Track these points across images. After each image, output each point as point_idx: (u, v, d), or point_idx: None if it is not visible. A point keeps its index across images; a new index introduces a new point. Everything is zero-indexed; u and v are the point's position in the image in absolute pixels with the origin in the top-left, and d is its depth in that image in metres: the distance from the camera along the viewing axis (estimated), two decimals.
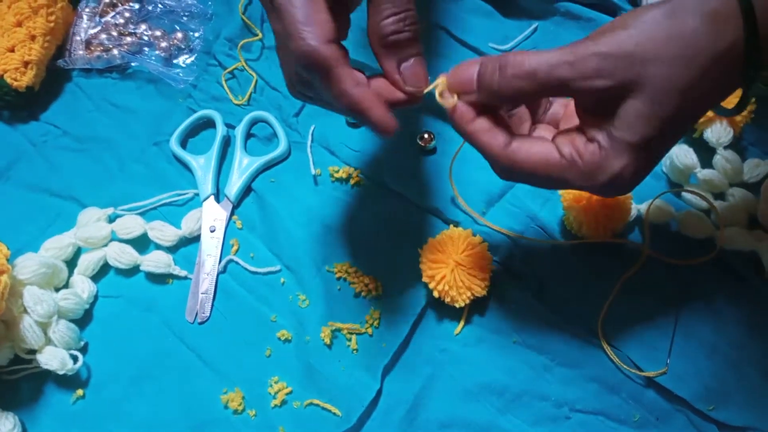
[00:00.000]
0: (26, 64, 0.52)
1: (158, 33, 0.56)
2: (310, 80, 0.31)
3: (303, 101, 0.34)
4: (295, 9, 0.30)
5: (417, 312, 0.44)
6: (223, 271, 0.47)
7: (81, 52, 0.55)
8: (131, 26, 0.56)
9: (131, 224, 0.47)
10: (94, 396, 0.43)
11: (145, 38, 0.56)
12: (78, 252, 0.47)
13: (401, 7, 0.31)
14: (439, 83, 0.33)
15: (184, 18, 0.57)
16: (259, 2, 0.56)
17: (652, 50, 0.28)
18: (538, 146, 0.32)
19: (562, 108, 0.36)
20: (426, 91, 0.33)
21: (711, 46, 0.28)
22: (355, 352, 0.44)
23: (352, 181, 0.49)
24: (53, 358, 0.41)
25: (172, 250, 0.48)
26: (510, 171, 0.32)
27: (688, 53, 0.28)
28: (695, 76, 0.28)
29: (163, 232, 0.47)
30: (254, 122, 0.53)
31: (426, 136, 0.50)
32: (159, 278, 0.47)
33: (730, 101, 0.32)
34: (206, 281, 0.46)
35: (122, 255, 0.46)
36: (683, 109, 0.29)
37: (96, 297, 0.46)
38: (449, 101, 0.32)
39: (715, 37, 0.28)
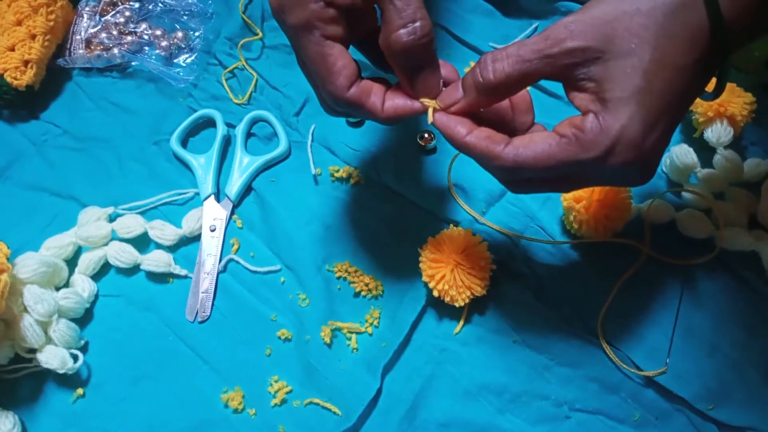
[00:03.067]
0: (26, 63, 0.52)
1: (158, 32, 0.56)
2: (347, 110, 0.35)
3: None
4: (319, 65, 0.33)
5: (417, 311, 0.44)
6: (223, 271, 0.47)
7: (81, 51, 0.55)
8: (131, 25, 0.56)
9: (131, 223, 0.47)
10: (95, 395, 0.43)
11: (146, 37, 0.56)
12: (78, 251, 0.47)
13: (410, 17, 0.31)
14: (428, 107, 0.34)
15: (185, 17, 0.57)
16: (259, 3, 0.56)
17: (614, 11, 0.30)
18: (536, 137, 0.32)
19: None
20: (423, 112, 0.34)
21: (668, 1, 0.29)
22: (355, 351, 0.44)
23: (352, 181, 0.50)
24: (53, 357, 0.41)
25: (172, 249, 0.48)
26: (517, 173, 0.32)
27: (647, 6, 0.29)
28: (659, 26, 0.29)
29: (163, 231, 0.47)
30: (254, 121, 0.53)
31: (426, 135, 0.50)
32: (159, 277, 0.47)
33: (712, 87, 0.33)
34: (206, 280, 0.46)
35: (123, 254, 0.46)
36: (659, 59, 0.29)
37: (96, 296, 0.46)
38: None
39: None
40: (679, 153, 0.47)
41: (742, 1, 0.29)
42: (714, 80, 0.33)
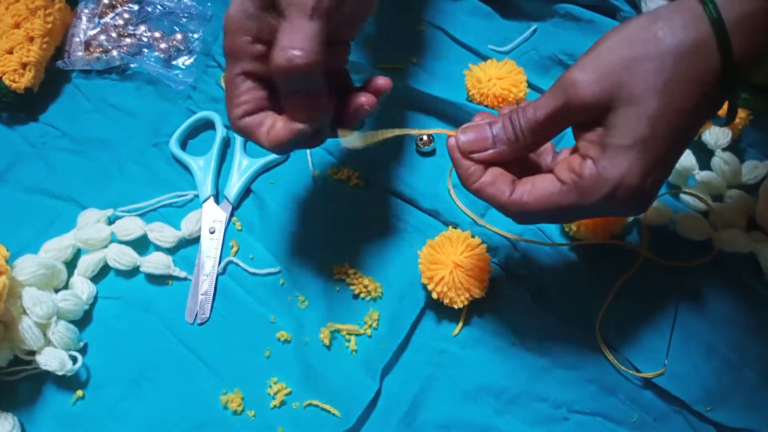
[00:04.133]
0: (24, 65, 0.52)
1: (157, 34, 0.56)
2: None
3: None
4: (226, 91, 0.35)
5: (416, 313, 0.44)
6: (222, 273, 0.47)
7: (80, 54, 0.55)
8: (130, 27, 0.56)
9: (131, 226, 0.47)
10: (94, 397, 0.43)
11: (145, 39, 0.56)
12: (78, 253, 0.47)
13: (295, 45, 0.31)
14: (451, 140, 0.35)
15: (184, 19, 0.57)
16: None
17: (624, 58, 0.30)
18: (538, 183, 0.33)
19: (569, 151, 0.37)
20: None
21: (677, 42, 0.29)
22: (354, 353, 0.44)
23: (351, 183, 0.50)
24: (52, 359, 0.41)
25: (171, 251, 0.48)
26: (522, 216, 0.34)
27: (656, 53, 0.29)
28: (668, 72, 0.29)
29: (162, 233, 0.47)
30: None
31: (425, 138, 0.50)
32: (159, 279, 0.47)
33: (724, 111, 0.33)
34: (206, 282, 0.46)
35: (122, 256, 0.46)
36: (666, 106, 0.29)
37: (96, 298, 0.46)
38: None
39: (681, 35, 0.29)
40: None
41: (754, 39, 0.29)
42: (726, 105, 0.33)
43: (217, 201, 0.50)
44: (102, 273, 0.47)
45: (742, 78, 0.30)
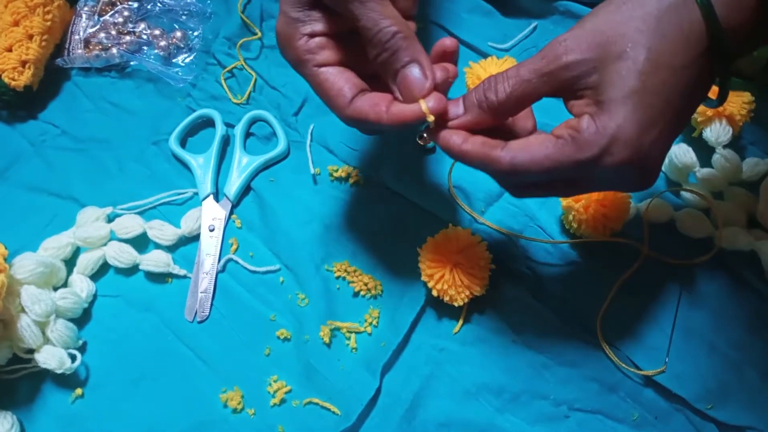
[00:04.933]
0: (24, 63, 0.52)
1: (157, 32, 0.56)
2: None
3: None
4: (319, 92, 0.36)
5: (416, 311, 0.44)
6: (222, 271, 0.47)
7: (80, 51, 0.55)
8: (130, 25, 0.56)
9: (130, 224, 0.47)
10: (93, 395, 0.43)
11: (144, 37, 0.56)
12: (77, 251, 0.47)
13: (373, 31, 0.33)
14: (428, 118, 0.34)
15: (183, 17, 0.57)
16: (258, 3, 0.56)
17: (606, 22, 0.30)
18: (532, 140, 0.32)
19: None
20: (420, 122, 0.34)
21: (658, 4, 0.30)
22: (354, 351, 0.44)
23: (351, 180, 0.49)
24: (51, 358, 0.41)
25: (171, 249, 0.48)
26: (515, 178, 0.33)
27: (638, 12, 0.30)
28: (651, 29, 0.30)
29: (162, 231, 0.47)
30: (253, 121, 0.53)
31: (425, 135, 0.50)
32: (158, 277, 0.47)
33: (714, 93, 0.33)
34: (205, 280, 0.46)
35: (121, 254, 0.46)
36: (653, 60, 0.30)
37: (95, 296, 0.46)
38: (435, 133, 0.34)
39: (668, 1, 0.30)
40: (678, 152, 0.47)
41: (738, 4, 0.29)
42: (716, 87, 0.33)
43: (216, 199, 0.49)
44: (101, 271, 0.47)
45: (735, 51, 0.30)
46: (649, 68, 0.30)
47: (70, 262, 0.46)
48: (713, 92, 0.33)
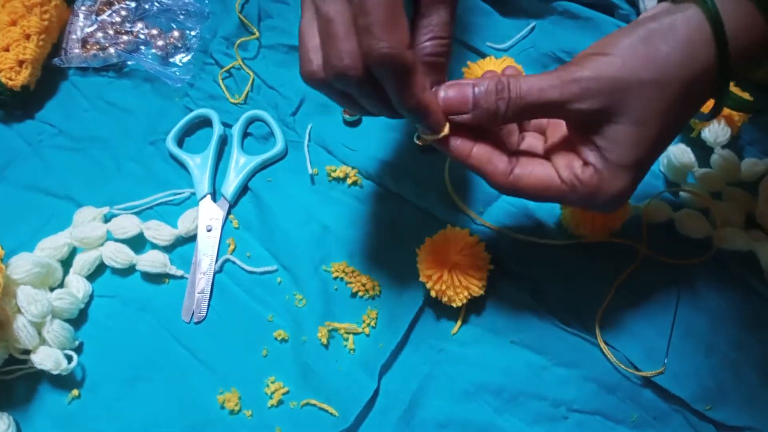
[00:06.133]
0: (21, 63, 0.51)
1: (155, 31, 0.56)
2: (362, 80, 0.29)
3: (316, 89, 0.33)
4: (379, 8, 0.28)
5: (414, 312, 0.44)
6: (219, 271, 0.47)
7: (77, 51, 0.55)
8: (128, 24, 0.56)
9: (127, 224, 0.47)
10: (90, 396, 0.43)
11: (142, 37, 0.56)
12: (73, 251, 0.47)
13: (444, 33, 0.32)
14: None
15: (181, 16, 0.57)
16: (256, 2, 0.56)
17: (630, 76, 0.30)
18: (537, 171, 0.33)
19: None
20: None
21: (686, 72, 0.30)
22: (352, 352, 0.44)
23: (349, 181, 0.49)
24: (47, 358, 0.41)
25: (168, 249, 0.47)
26: (511, 194, 0.34)
27: (664, 79, 0.30)
28: (672, 99, 0.30)
29: (159, 231, 0.47)
30: (251, 121, 0.52)
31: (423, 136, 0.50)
32: (155, 278, 0.47)
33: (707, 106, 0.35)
34: (202, 281, 0.46)
35: (118, 255, 0.46)
36: (666, 128, 0.31)
37: (91, 297, 0.46)
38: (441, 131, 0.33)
39: (690, 64, 0.30)
40: (677, 152, 0.47)
41: (749, 48, 0.30)
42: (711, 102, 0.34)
43: (214, 199, 0.49)
44: (98, 271, 0.47)
45: (732, 78, 0.31)
46: (661, 136, 0.31)
47: (66, 263, 0.46)
48: (706, 106, 0.34)
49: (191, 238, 0.48)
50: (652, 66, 0.30)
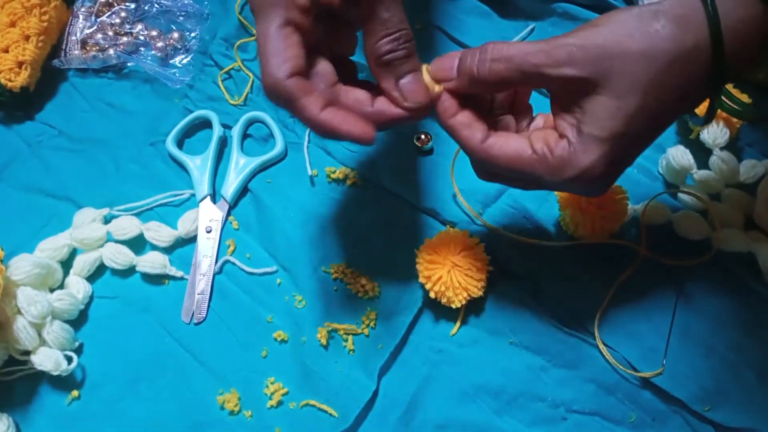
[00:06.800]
0: (20, 64, 0.51)
1: (154, 33, 0.56)
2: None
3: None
4: (269, 44, 0.31)
5: (413, 313, 0.44)
6: (219, 272, 0.47)
7: (76, 52, 0.55)
8: (127, 26, 0.56)
9: (127, 225, 0.47)
10: (90, 397, 0.43)
11: (141, 38, 0.56)
12: (74, 252, 0.47)
13: (395, 27, 0.32)
14: (423, 71, 0.34)
15: (181, 18, 0.57)
16: None
17: (617, 47, 0.30)
18: (512, 141, 0.33)
19: (543, 120, 0.37)
20: None
21: (673, 46, 0.29)
22: (351, 352, 0.44)
23: (348, 182, 0.49)
24: (47, 359, 0.41)
25: (168, 250, 0.47)
26: (486, 165, 0.34)
27: (651, 51, 0.29)
28: (656, 74, 0.29)
29: (159, 232, 0.47)
30: (251, 122, 0.53)
31: (423, 137, 0.50)
32: (155, 279, 0.47)
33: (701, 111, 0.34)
34: (202, 282, 0.46)
35: (118, 256, 0.46)
36: (646, 106, 0.30)
37: (91, 298, 0.46)
38: (434, 90, 0.34)
39: (680, 38, 0.29)
40: (676, 154, 0.47)
41: (747, 45, 0.29)
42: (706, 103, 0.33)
43: (213, 200, 0.49)
44: (98, 272, 0.47)
45: (728, 80, 0.31)
46: (638, 113, 0.30)
47: (66, 264, 0.46)
48: (701, 110, 0.34)
49: (191, 240, 0.48)
50: (640, 38, 0.29)
